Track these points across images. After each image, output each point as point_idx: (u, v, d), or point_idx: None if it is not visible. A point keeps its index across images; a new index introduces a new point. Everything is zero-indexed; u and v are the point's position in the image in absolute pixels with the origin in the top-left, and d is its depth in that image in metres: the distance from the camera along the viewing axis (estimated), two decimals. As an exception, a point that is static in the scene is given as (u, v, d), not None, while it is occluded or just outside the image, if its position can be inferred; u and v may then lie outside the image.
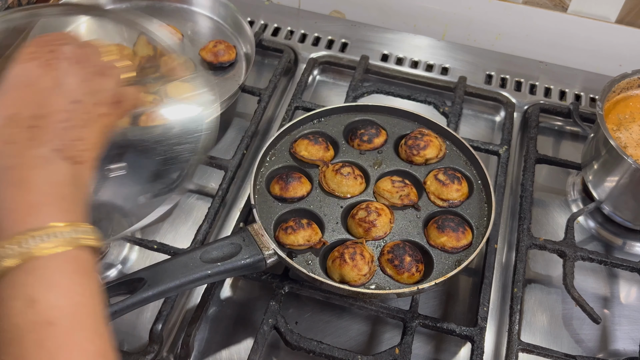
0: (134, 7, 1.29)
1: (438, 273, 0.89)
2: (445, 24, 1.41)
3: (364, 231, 0.91)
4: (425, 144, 1.01)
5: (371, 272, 0.88)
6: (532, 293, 0.99)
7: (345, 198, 0.96)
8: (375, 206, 0.93)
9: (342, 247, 0.89)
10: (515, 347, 0.89)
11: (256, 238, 0.87)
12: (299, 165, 1.00)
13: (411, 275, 0.88)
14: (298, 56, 1.30)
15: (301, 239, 0.89)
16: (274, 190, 0.96)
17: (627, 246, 1.06)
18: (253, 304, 0.96)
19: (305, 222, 0.91)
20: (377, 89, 1.21)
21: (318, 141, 1.01)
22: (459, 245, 0.91)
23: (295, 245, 0.89)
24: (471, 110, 1.25)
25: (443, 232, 0.91)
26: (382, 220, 0.92)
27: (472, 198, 0.97)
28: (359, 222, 0.92)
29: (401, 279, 0.88)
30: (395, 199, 0.95)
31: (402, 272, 0.87)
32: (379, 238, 0.92)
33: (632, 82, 1.06)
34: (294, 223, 0.90)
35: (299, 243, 0.89)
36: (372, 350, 0.91)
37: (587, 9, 1.30)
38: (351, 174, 0.97)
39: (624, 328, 0.96)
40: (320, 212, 0.94)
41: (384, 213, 0.93)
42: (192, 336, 0.88)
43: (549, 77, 1.29)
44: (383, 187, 0.96)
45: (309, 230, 0.90)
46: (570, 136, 1.22)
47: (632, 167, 0.94)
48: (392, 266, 0.88)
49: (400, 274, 0.87)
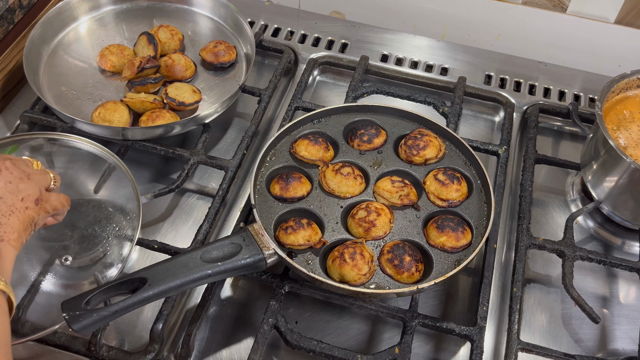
0: (134, 7, 1.29)
1: (437, 273, 0.89)
2: (445, 25, 1.41)
3: (364, 231, 0.92)
4: (424, 144, 1.01)
5: (371, 271, 0.88)
6: (531, 293, 0.99)
7: (345, 198, 0.97)
8: (375, 206, 0.93)
9: (342, 246, 0.89)
10: (515, 347, 0.89)
11: (256, 238, 0.87)
12: (299, 166, 1.01)
13: (411, 275, 0.88)
14: (298, 56, 1.30)
15: (301, 239, 0.89)
16: (274, 190, 0.96)
17: (626, 246, 1.07)
18: (253, 304, 0.96)
19: (305, 222, 0.91)
20: (377, 89, 1.21)
21: (318, 141, 1.01)
22: (459, 245, 0.91)
23: (295, 245, 0.89)
24: (470, 110, 1.25)
25: (442, 232, 0.91)
26: (382, 220, 0.92)
27: (472, 198, 0.98)
28: (359, 222, 0.92)
29: (401, 278, 0.88)
30: (395, 199, 0.96)
31: (402, 271, 0.87)
32: (378, 238, 0.92)
33: (631, 82, 1.07)
34: (294, 223, 0.90)
35: (299, 243, 0.89)
36: (372, 350, 0.92)
37: (586, 10, 1.30)
38: (351, 174, 0.97)
39: (623, 328, 0.96)
40: (320, 212, 0.95)
41: (383, 213, 0.93)
42: (193, 336, 0.88)
43: (548, 78, 1.29)
44: (383, 187, 0.97)
45: (309, 230, 0.90)
46: (570, 136, 1.22)
47: (631, 167, 0.94)
48: (392, 266, 0.88)
49: (400, 274, 0.88)
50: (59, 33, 1.22)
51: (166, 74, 1.16)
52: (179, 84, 1.14)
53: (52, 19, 1.20)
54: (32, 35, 1.15)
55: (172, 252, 0.95)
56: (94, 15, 1.27)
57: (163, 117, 1.07)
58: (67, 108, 1.11)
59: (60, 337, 0.87)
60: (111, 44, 1.20)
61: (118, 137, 1.06)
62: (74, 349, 0.87)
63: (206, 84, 1.18)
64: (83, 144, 1.01)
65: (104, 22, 1.27)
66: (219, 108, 1.10)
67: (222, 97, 1.14)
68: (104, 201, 1.00)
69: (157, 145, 1.07)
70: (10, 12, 1.19)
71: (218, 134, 1.16)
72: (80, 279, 0.93)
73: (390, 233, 0.93)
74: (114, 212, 0.98)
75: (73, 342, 0.87)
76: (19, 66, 1.16)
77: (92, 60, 1.19)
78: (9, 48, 1.18)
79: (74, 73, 1.17)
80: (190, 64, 1.18)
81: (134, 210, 0.96)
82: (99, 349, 0.85)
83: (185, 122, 1.06)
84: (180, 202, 1.07)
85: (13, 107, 1.18)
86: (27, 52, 1.12)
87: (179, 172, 1.05)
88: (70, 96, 1.13)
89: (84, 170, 1.03)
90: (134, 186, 0.97)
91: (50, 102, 1.10)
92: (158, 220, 1.04)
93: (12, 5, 1.19)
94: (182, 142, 1.15)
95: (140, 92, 1.12)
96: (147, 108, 1.09)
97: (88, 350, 0.86)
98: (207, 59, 1.19)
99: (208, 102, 1.15)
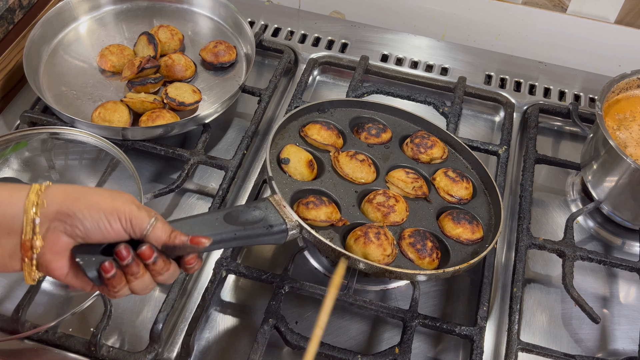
0: (134, 7, 1.29)
1: (454, 263, 0.89)
2: (445, 25, 1.41)
3: (382, 215, 0.91)
4: (432, 144, 1.02)
5: (393, 254, 0.88)
6: (531, 293, 0.99)
7: (360, 184, 0.96)
8: (392, 193, 0.94)
9: (364, 227, 0.88)
10: (515, 347, 0.89)
11: (278, 208, 0.84)
12: (309, 149, 0.99)
13: (432, 261, 0.88)
14: (298, 56, 1.30)
15: (323, 215, 0.88)
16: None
17: (626, 246, 1.07)
18: (253, 304, 0.96)
19: (326, 199, 0.90)
20: (377, 89, 1.21)
21: (330, 127, 1.01)
22: (474, 238, 0.92)
23: (317, 221, 0.88)
24: (471, 110, 1.25)
25: (459, 224, 0.92)
26: (400, 207, 0.93)
27: (476, 200, 0.98)
28: (378, 207, 0.92)
29: (422, 263, 0.88)
30: (409, 189, 0.96)
31: (424, 256, 0.87)
32: (396, 224, 0.92)
33: (631, 82, 1.07)
34: (315, 199, 0.89)
35: (320, 219, 0.88)
36: (372, 350, 0.92)
37: (586, 10, 1.30)
38: (366, 160, 0.97)
39: (623, 328, 0.96)
40: (336, 194, 0.94)
41: (401, 200, 0.94)
42: (193, 336, 0.88)
43: (548, 78, 1.29)
44: (397, 177, 0.97)
45: (330, 207, 0.89)
46: (570, 136, 1.22)
47: (632, 167, 0.94)
48: (414, 250, 0.88)
49: (422, 259, 0.88)
50: (59, 33, 1.22)
51: (166, 74, 1.16)
52: (179, 84, 1.14)
53: (52, 19, 1.20)
54: (32, 35, 1.15)
55: (172, 252, 0.95)
56: (94, 15, 1.27)
57: (163, 117, 1.07)
58: (67, 108, 1.11)
59: (60, 337, 0.87)
60: (111, 44, 1.20)
61: (118, 137, 1.06)
62: (74, 349, 0.87)
63: (206, 84, 1.18)
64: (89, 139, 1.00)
65: (104, 22, 1.27)
66: (219, 108, 1.10)
67: (222, 97, 1.14)
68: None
69: (157, 145, 1.07)
70: (10, 12, 1.20)
71: (218, 134, 1.16)
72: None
73: (406, 220, 0.93)
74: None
75: (73, 342, 0.87)
76: (19, 66, 1.16)
77: (92, 60, 1.19)
78: (9, 48, 1.18)
79: (74, 73, 1.17)
80: (190, 64, 1.18)
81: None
82: (99, 349, 0.85)
83: (185, 122, 1.06)
84: (181, 202, 1.07)
85: (13, 107, 1.18)
86: (27, 52, 1.12)
87: (179, 172, 1.05)
88: (70, 96, 1.13)
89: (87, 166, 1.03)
90: (137, 182, 0.96)
91: (50, 102, 1.10)
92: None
93: (12, 5, 1.19)
94: (182, 142, 1.15)
95: (140, 92, 1.12)
96: (147, 108, 1.09)
97: (88, 350, 0.86)
98: (207, 59, 1.19)
99: (208, 102, 1.15)
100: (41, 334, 0.87)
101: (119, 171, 0.99)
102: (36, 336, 0.87)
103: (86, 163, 1.03)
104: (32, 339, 0.88)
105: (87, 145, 1.01)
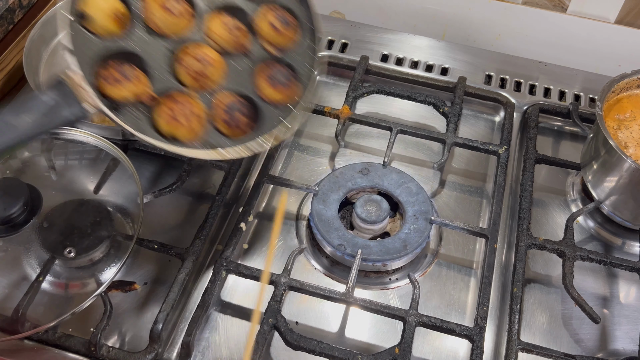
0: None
1: (267, 128, 0.84)
2: (445, 25, 1.41)
3: (193, 80, 0.83)
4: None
5: (203, 128, 0.82)
6: (531, 293, 0.99)
7: (172, 39, 0.85)
8: (205, 52, 0.84)
9: (171, 101, 0.81)
10: (515, 347, 0.89)
11: (76, 91, 0.75)
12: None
13: (242, 132, 0.83)
14: (298, 56, 1.30)
15: (127, 92, 0.78)
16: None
17: (626, 246, 1.06)
18: (253, 304, 0.96)
19: (130, 71, 0.79)
20: (377, 89, 1.21)
21: None
22: (288, 100, 0.87)
23: (122, 99, 0.79)
24: (471, 110, 1.25)
25: (274, 88, 0.87)
26: (213, 70, 0.84)
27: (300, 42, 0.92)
28: (189, 72, 0.83)
29: (233, 135, 0.83)
30: (228, 46, 0.87)
31: (233, 127, 0.83)
32: (208, 88, 0.84)
33: (631, 82, 1.07)
34: (118, 73, 0.78)
35: (124, 96, 0.78)
36: (372, 350, 0.92)
37: (586, 10, 1.30)
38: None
39: (623, 328, 0.96)
40: (147, 56, 0.83)
41: (214, 62, 0.85)
42: (193, 336, 0.88)
43: (548, 78, 1.29)
44: (216, 32, 0.87)
45: (135, 82, 0.79)
46: (570, 136, 1.22)
47: (632, 167, 0.94)
48: (223, 122, 0.83)
49: (232, 130, 0.83)
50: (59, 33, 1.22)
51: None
52: (179, 84, 1.13)
53: (52, 19, 1.20)
54: (32, 35, 1.15)
55: (172, 253, 0.95)
56: (94, 15, 1.27)
57: (163, 117, 1.06)
58: (67, 108, 1.10)
59: (60, 337, 0.87)
60: None
61: (118, 137, 1.05)
62: (73, 349, 0.87)
63: (206, 84, 1.18)
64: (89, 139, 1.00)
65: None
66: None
67: (222, 97, 1.14)
68: (104, 200, 1.00)
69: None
70: (10, 12, 1.20)
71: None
72: (80, 278, 0.93)
73: (220, 84, 0.86)
74: (114, 212, 0.98)
75: (73, 342, 0.87)
76: (19, 66, 1.16)
77: (92, 60, 1.19)
78: (9, 48, 1.18)
79: (74, 73, 1.17)
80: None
81: (135, 209, 0.96)
82: (99, 349, 0.85)
83: (185, 122, 1.06)
84: (181, 202, 1.07)
85: (13, 107, 1.17)
86: (27, 52, 1.12)
87: (179, 172, 1.05)
88: (70, 96, 1.13)
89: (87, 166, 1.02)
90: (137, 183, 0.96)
91: (50, 102, 1.10)
92: (158, 220, 1.04)
93: (12, 5, 1.19)
94: (182, 142, 1.15)
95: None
96: (147, 108, 1.09)
97: (88, 350, 0.86)
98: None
99: (208, 102, 1.15)
100: (41, 334, 0.87)
101: (119, 171, 0.99)
102: (36, 336, 0.87)
103: (86, 163, 1.03)
104: (32, 339, 0.88)
105: (87, 145, 1.01)
